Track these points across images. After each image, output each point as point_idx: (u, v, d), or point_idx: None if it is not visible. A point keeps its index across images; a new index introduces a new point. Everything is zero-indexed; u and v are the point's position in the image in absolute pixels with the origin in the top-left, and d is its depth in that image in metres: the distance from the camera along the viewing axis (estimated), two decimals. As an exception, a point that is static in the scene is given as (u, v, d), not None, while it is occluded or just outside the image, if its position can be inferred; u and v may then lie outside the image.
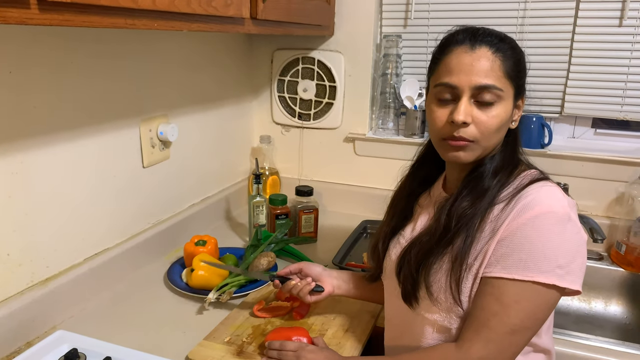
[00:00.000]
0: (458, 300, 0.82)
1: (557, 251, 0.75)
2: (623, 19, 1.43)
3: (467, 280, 0.81)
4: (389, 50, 1.67)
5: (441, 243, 0.84)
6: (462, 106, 0.79)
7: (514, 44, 0.84)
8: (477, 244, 0.81)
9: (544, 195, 0.78)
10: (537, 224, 0.76)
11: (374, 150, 1.75)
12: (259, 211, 1.50)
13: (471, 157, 0.83)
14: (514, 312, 0.76)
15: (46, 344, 0.94)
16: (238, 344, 1.02)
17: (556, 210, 0.77)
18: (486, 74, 0.79)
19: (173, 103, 1.43)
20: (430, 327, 0.87)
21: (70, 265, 1.14)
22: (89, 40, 1.12)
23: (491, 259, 0.79)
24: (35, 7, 0.62)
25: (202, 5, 0.91)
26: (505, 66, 0.80)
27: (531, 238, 0.76)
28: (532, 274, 0.75)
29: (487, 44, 0.80)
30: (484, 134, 0.80)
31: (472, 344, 0.78)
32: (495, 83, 0.79)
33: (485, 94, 0.79)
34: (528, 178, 0.83)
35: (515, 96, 0.84)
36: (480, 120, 0.80)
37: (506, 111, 0.81)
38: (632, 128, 1.56)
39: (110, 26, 0.74)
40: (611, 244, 1.48)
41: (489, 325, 0.77)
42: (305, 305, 1.15)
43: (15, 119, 0.98)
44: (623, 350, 1.05)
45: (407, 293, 0.88)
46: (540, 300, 0.77)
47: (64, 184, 1.11)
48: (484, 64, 0.79)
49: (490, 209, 0.82)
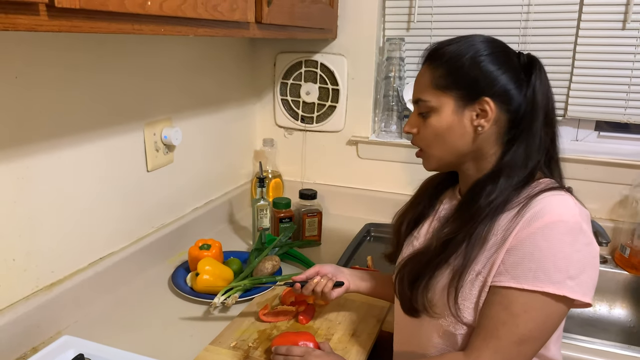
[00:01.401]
0: (456, 313, 0.81)
1: (568, 262, 0.74)
2: (626, 21, 1.44)
3: (474, 289, 0.81)
4: (392, 53, 1.68)
5: (431, 265, 0.84)
6: (410, 118, 0.89)
7: (452, 54, 0.82)
8: (483, 253, 0.80)
9: (555, 204, 0.77)
10: (547, 233, 0.74)
11: (377, 153, 1.75)
12: (263, 214, 1.49)
13: (428, 165, 0.91)
14: (522, 322, 0.76)
15: (52, 349, 0.94)
16: (244, 348, 1.02)
17: (567, 220, 0.75)
18: (419, 88, 0.87)
19: (177, 106, 1.43)
20: (435, 333, 0.87)
21: (75, 270, 1.14)
22: (94, 44, 1.11)
23: (500, 268, 0.78)
24: (45, 13, 0.62)
25: (208, 10, 0.91)
26: (434, 78, 0.84)
27: (541, 247, 0.74)
28: (542, 285, 0.74)
29: (427, 60, 0.87)
30: (423, 142, 0.88)
31: (480, 353, 0.78)
32: (421, 96, 0.86)
33: (420, 107, 0.87)
34: (540, 187, 0.81)
35: (463, 103, 0.82)
36: (421, 130, 0.87)
37: (441, 121, 0.84)
38: (636, 131, 1.56)
39: (118, 32, 0.74)
40: (615, 247, 1.48)
41: (498, 335, 0.77)
42: (310, 310, 1.14)
43: (21, 124, 0.98)
44: (628, 354, 1.05)
45: (405, 307, 0.89)
46: (550, 311, 0.76)
47: (69, 188, 1.11)
48: (419, 79, 0.87)
49: (498, 218, 0.80)
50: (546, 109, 0.82)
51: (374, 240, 1.68)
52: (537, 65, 0.83)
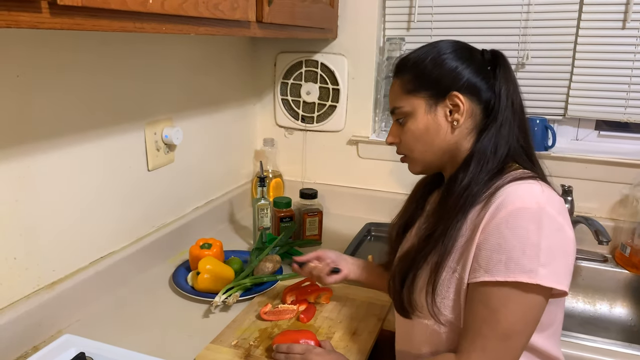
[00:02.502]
0: (434, 308, 0.82)
1: (537, 249, 0.73)
2: (626, 21, 1.44)
3: (450, 286, 0.81)
4: (392, 53, 1.68)
5: (415, 264, 0.86)
6: (390, 129, 0.93)
7: (415, 59, 0.87)
8: (457, 249, 0.81)
9: (519, 192, 0.76)
10: (510, 222, 0.74)
11: (377, 152, 1.75)
12: (264, 214, 1.50)
13: (413, 169, 0.94)
14: (503, 316, 0.75)
15: (53, 347, 0.94)
16: (245, 347, 1.02)
17: (528, 206, 0.74)
18: (392, 98, 0.91)
19: (177, 106, 1.43)
20: (424, 332, 0.88)
21: (76, 269, 1.14)
22: (94, 44, 1.12)
23: (474, 264, 0.78)
24: (47, 11, 0.62)
25: (209, 8, 0.92)
26: (403, 85, 0.88)
27: (507, 237, 0.74)
28: (514, 275, 0.73)
29: (395, 71, 0.91)
30: (406, 147, 0.90)
31: (470, 355, 0.78)
32: (395, 104, 0.90)
33: (396, 114, 0.90)
34: (510, 177, 0.80)
35: (434, 101, 0.85)
36: (402, 136, 0.90)
37: (417, 123, 0.87)
38: (636, 130, 1.56)
39: (120, 30, 0.75)
40: (615, 246, 1.48)
41: (482, 333, 0.77)
42: (311, 309, 1.15)
43: (22, 123, 0.98)
44: (629, 352, 1.05)
45: (397, 307, 0.91)
46: (528, 302, 0.75)
47: (70, 187, 1.11)
48: (391, 91, 0.92)
49: (470, 210, 0.80)
50: (513, 99, 0.84)
51: (374, 239, 1.68)
52: (501, 59, 0.86)
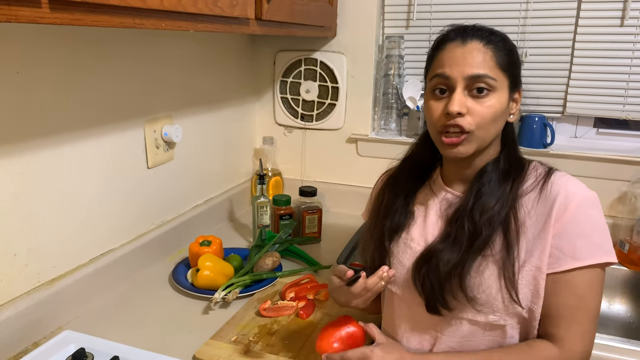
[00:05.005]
0: (516, 298, 0.80)
1: (605, 230, 0.81)
2: (625, 18, 1.44)
3: (526, 276, 0.81)
4: (391, 51, 1.68)
5: (472, 249, 0.81)
6: (457, 97, 0.80)
7: (505, 36, 0.85)
8: (524, 240, 0.81)
9: (572, 183, 0.83)
10: (583, 210, 0.80)
11: (377, 151, 1.75)
12: (263, 212, 1.50)
13: (469, 149, 0.82)
14: (591, 300, 0.80)
15: (53, 343, 0.94)
16: (245, 343, 1.02)
17: (588, 195, 0.82)
18: (478, 64, 0.80)
19: (177, 104, 1.43)
20: (476, 327, 0.84)
21: (76, 265, 1.15)
22: (94, 41, 1.12)
23: (555, 253, 0.80)
24: (47, 6, 0.63)
25: (208, 5, 0.92)
26: (497, 57, 0.81)
27: (584, 224, 0.80)
28: (600, 257, 0.79)
29: (478, 38, 0.82)
30: (480, 124, 0.80)
31: (571, 342, 0.80)
32: (488, 72, 0.80)
33: (479, 84, 0.80)
34: (540, 169, 0.86)
35: (510, 88, 0.84)
36: (476, 110, 0.80)
37: (501, 102, 0.81)
38: (634, 127, 1.57)
39: (119, 26, 0.75)
40: (614, 243, 1.47)
41: (577, 319, 0.80)
42: (310, 305, 1.15)
43: (22, 120, 0.98)
44: (627, 348, 1.06)
45: (434, 303, 0.84)
46: (603, 281, 0.82)
47: (70, 184, 1.11)
48: (475, 55, 0.80)
49: (518, 203, 0.83)
50: None
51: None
52: None
